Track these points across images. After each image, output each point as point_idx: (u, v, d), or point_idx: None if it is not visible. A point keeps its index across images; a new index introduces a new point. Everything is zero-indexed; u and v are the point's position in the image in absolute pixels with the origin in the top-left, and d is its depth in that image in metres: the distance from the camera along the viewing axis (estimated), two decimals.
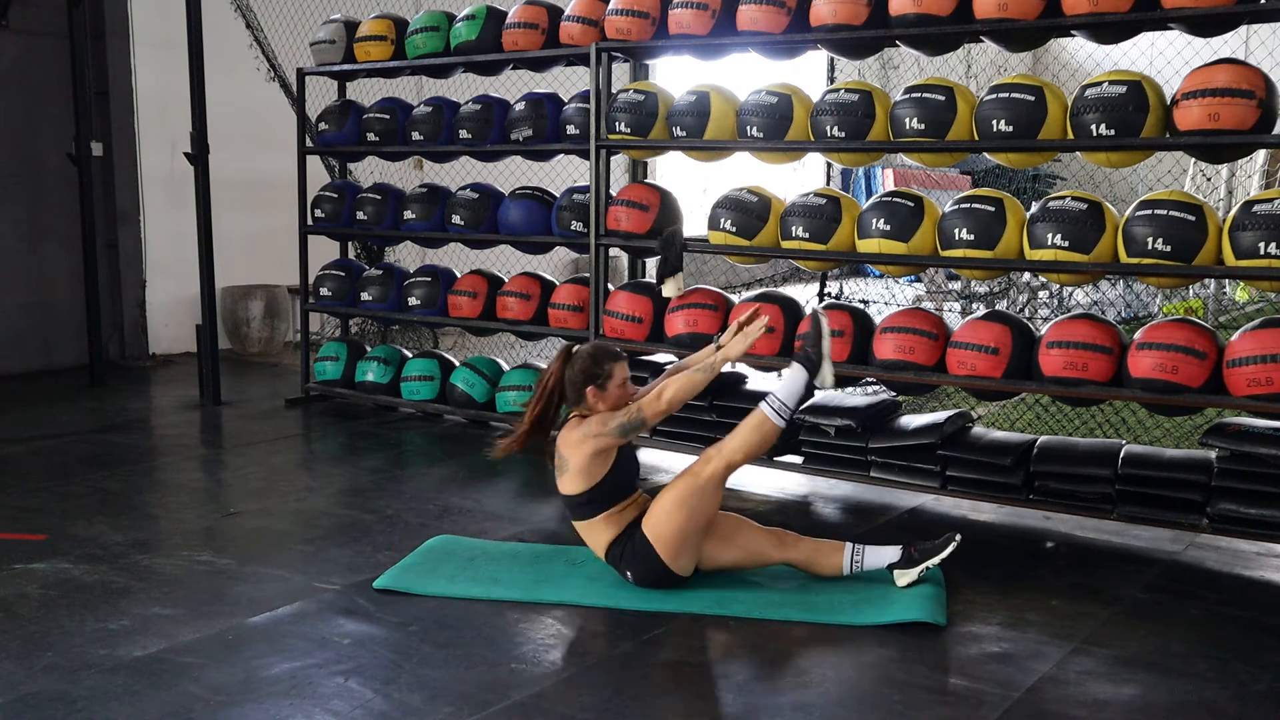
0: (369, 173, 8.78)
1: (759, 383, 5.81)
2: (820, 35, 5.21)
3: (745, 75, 6.66)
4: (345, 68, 7.13)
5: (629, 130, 5.76)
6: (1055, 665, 3.45)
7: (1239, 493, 4.38)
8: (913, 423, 5.12)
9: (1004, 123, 4.71)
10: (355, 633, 3.67)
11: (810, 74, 10.76)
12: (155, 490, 5.45)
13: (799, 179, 12.05)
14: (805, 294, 7.45)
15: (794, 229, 5.28)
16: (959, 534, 4.01)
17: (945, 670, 3.44)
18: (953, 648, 3.59)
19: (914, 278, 12.47)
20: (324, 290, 7.29)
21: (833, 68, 10.43)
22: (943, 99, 4.87)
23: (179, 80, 7.34)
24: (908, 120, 4.91)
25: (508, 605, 3.90)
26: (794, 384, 4.05)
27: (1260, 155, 12.36)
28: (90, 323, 8.16)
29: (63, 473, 5.67)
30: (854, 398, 5.48)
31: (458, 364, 6.85)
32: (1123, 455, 4.69)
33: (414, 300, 6.89)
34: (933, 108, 4.87)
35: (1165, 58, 6.69)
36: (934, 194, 13.10)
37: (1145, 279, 4.87)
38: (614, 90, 5.99)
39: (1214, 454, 4.53)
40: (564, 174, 8.90)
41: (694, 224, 5.98)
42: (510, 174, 8.62)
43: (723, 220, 5.47)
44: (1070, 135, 4.65)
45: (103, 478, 5.57)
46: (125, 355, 9.09)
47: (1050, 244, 4.58)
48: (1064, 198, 4.68)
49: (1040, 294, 11.17)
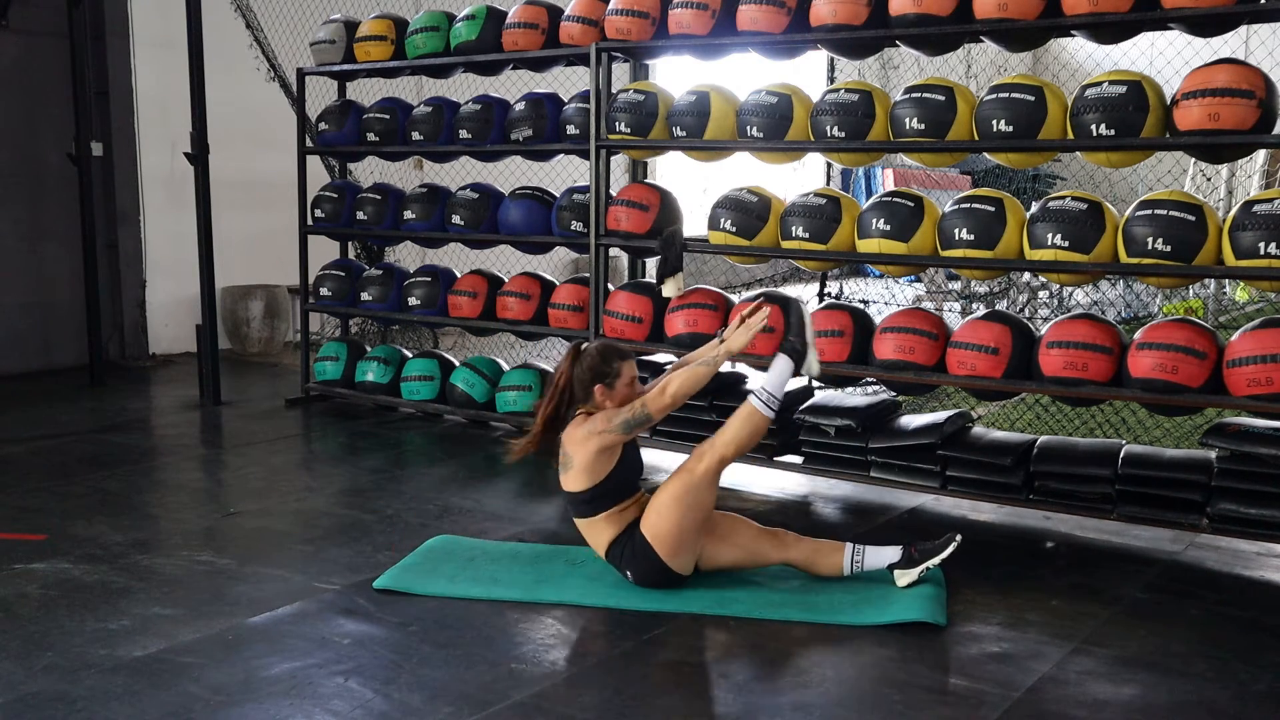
0: (369, 173, 8.78)
1: (759, 382, 5.79)
2: (820, 35, 5.21)
3: (745, 75, 6.66)
4: (345, 68, 7.13)
5: (629, 130, 5.76)
6: (1055, 665, 3.45)
7: (1239, 493, 4.38)
8: (913, 423, 5.12)
9: (1004, 123, 4.71)
10: (355, 633, 3.67)
11: (810, 74, 10.76)
12: (155, 490, 5.45)
13: (799, 179, 12.06)
14: (805, 294, 7.46)
15: (794, 229, 5.28)
16: (959, 534, 4.01)
17: (945, 670, 3.44)
18: (953, 648, 3.59)
19: (914, 278, 12.47)
20: (324, 290, 7.29)
21: (833, 68, 10.43)
22: (943, 99, 4.87)
23: (179, 80, 7.35)
24: (908, 120, 4.91)
25: (508, 605, 3.90)
26: (780, 375, 4.07)
27: (1260, 155, 12.35)
28: (90, 323, 8.16)
29: (63, 473, 5.67)
30: (854, 398, 5.48)
31: (458, 364, 6.85)
32: (1123, 455, 4.69)
33: (414, 300, 6.89)
34: (933, 108, 4.87)
35: (1165, 58, 6.69)
36: (934, 194, 13.10)
37: (1145, 279, 4.87)
38: (614, 90, 5.99)
39: (1214, 454, 4.53)
40: (564, 174, 8.89)
41: (694, 224, 5.97)
42: (510, 174, 8.62)
43: (723, 220, 5.47)
44: (1070, 135, 4.65)
45: (103, 478, 5.57)
46: (125, 355, 9.09)
47: (1050, 244, 4.58)
48: (1064, 198, 4.68)
49: (1040, 294, 11.17)
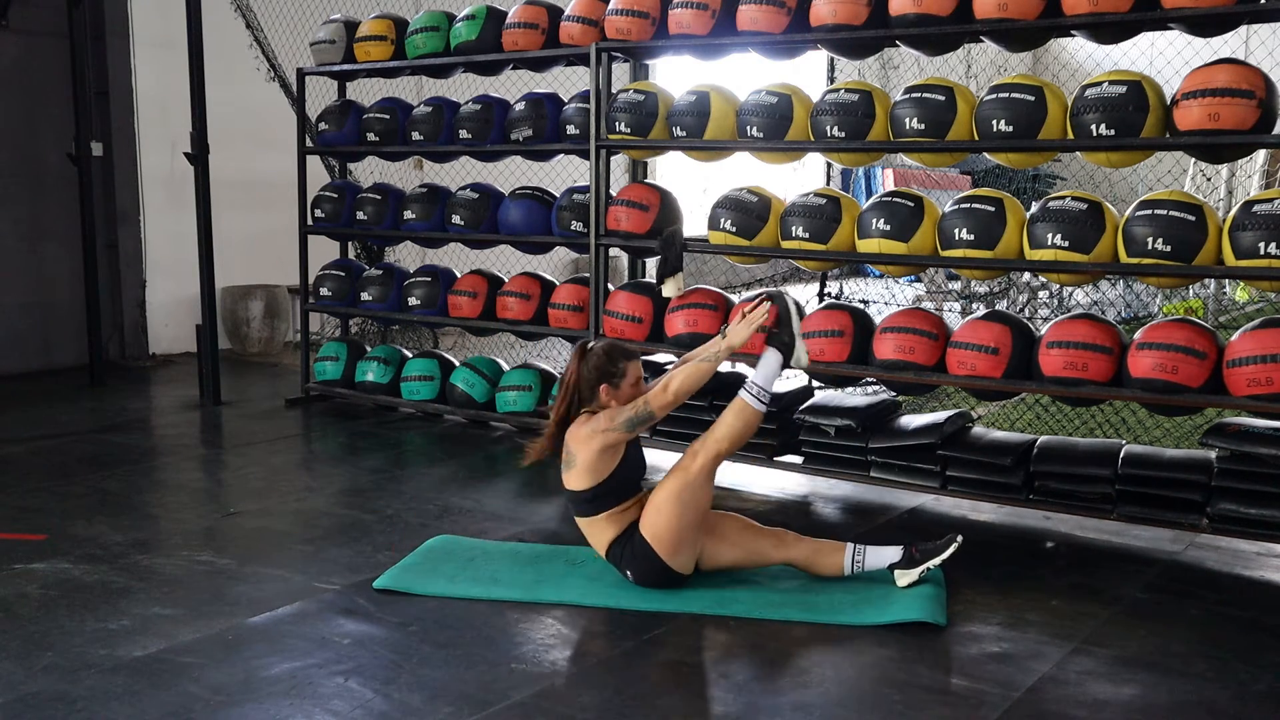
0: (369, 173, 8.78)
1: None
2: (820, 35, 5.21)
3: (745, 75, 6.66)
4: (345, 68, 7.13)
5: (629, 130, 5.76)
6: (1055, 665, 3.45)
7: (1239, 493, 4.38)
8: (913, 423, 5.12)
9: (1004, 123, 4.71)
10: (355, 633, 3.67)
11: (810, 74, 10.76)
12: (155, 490, 5.45)
13: (799, 179, 12.05)
14: (805, 294, 7.46)
15: (794, 229, 5.28)
16: (960, 535, 4.01)
17: (945, 670, 3.44)
18: (953, 648, 3.59)
19: (914, 278, 12.47)
20: (324, 290, 7.29)
21: (833, 68, 10.44)
22: (943, 99, 4.87)
23: (179, 80, 7.34)
24: (908, 120, 4.91)
25: (508, 605, 3.90)
26: (770, 368, 4.11)
27: (1260, 155, 12.35)
28: (90, 323, 8.16)
29: (63, 473, 5.67)
30: (854, 398, 5.48)
31: (458, 364, 6.85)
32: (1123, 455, 4.69)
33: (414, 300, 6.88)
34: (933, 108, 4.87)
35: (1165, 58, 6.69)
36: (934, 194, 13.10)
37: (1145, 279, 4.87)
38: (614, 90, 5.98)
39: (1214, 454, 4.53)
40: (564, 174, 8.89)
41: (694, 224, 5.97)
42: (510, 174, 8.62)
43: (723, 220, 5.46)
44: (1070, 135, 4.65)
45: (103, 478, 5.57)
46: (125, 355, 9.09)
47: (1050, 244, 4.58)
48: (1064, 198, 4.68)
49: (1040, 294, 11.17)
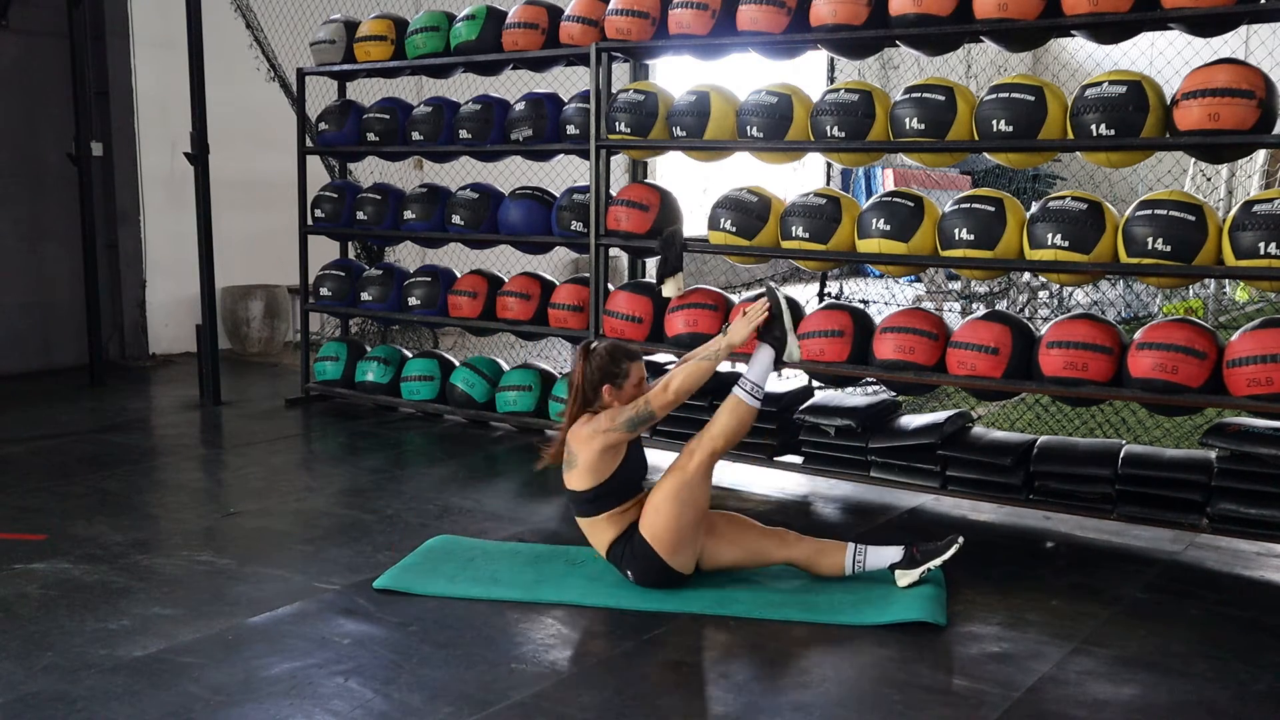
0: (369, 173, 8.78)
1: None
2: (820, 35, 5.21)
3: (745, 75, 6.66)
4: (345, 68, 7.13)
5: (629, 130, 5.76)
6: (1055, 665, 3.45)
7: (1239, 493, 4.38)
8: (913, 423, 5.12)
9: (1004, 123, 4.71)
10: (355, 633, 3.67)
11: (810, 74, 10.76)
12: (155, 490, 5.45)
13: (799, 179, 12.05)
14: (805, 294, 7.45)
15: (794, 229, 5.27)
16: (961, 536, 4.01)
17: (945, 670, 3.44)
18: (953, 648, 3.59)
19: (914, 278, 12.47)
20: (324, 290, 7.29)
21: (833, 68, 10.43)
22: (943, 99, 4.87)
23: (179, 80, 7.35)
24: (908, 120, 4.91)
25: (508, 605, 3.90)
26: (763, 364, 4.13)
27: (1260, 155, 12.35)
28: (90, 323, 8.16)
29: (63, 473, 5.67)
30: (854, 398, 5.48)
31: (458, 364, 6.85)
32: (1123, 455, 4.69)
33: (414, 300, 6.88)
34: (933, 108, 4.87)
35: (1165, 58, 6.69)
36: (934, 194, 13.10)
37: (1145, 279, 4.87)
38: (614, 90, 5.98)
39: (1214, 454, 4.53)
40: (564, 174, 8.89)
41: (694, 224, 5.97)
42: (510, 174, 8.62)
43: (723, 220, 5.46)
44: (1070, 135, 4.64)
45: (103, 478, 5.57)
46: (125, 355, 9.10)
47: (1050, 244, 4.58)
48: (1064, 198, 4.68)
49: (1040, 294, 11.17)
